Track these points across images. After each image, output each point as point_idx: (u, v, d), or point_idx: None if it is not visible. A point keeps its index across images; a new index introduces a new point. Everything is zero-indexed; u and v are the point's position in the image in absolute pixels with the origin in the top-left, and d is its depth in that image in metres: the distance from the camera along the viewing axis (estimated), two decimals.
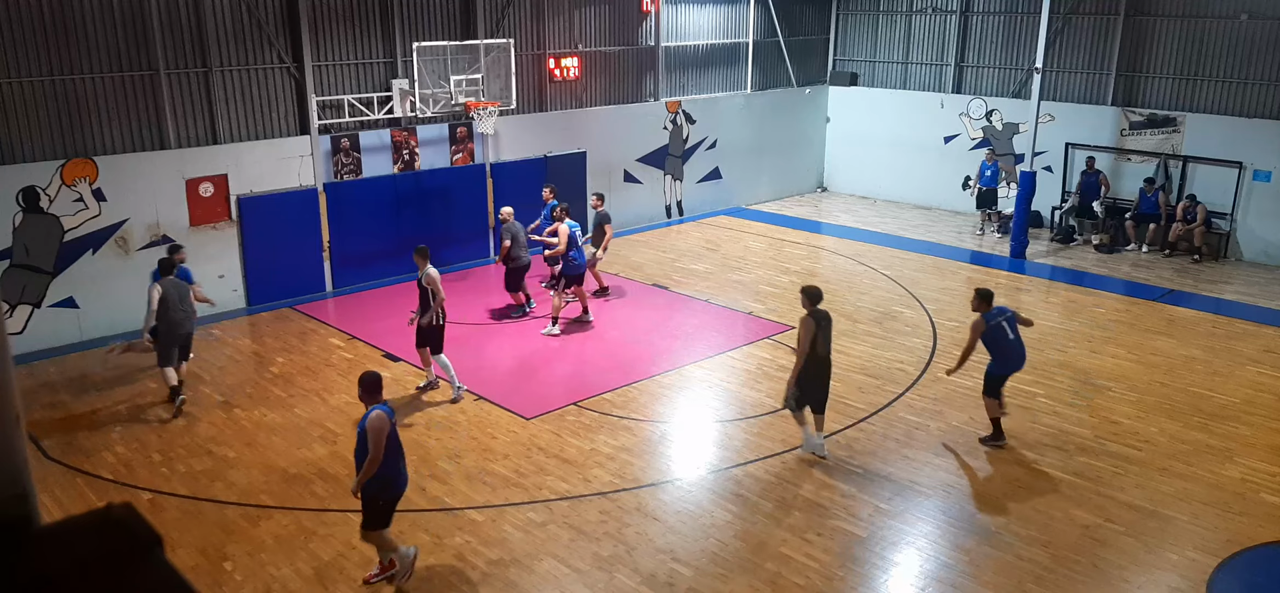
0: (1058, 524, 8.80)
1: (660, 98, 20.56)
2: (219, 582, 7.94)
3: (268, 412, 11.31)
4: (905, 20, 22.86)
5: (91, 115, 13.53)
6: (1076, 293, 16.05)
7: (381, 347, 13.36)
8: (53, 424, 10.99)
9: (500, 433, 10.68)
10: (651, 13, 19.95)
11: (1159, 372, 12.52)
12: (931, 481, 9.63)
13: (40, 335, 13.27)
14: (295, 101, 15.43)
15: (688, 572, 8.07)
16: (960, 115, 21.87)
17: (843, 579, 8.00)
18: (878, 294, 15.70)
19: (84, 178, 13.50)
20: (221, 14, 14.45)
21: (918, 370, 12.52)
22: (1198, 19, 18.37)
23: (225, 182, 14.76)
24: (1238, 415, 11.20)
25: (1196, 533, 8.70)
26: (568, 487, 9.47)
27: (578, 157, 19.03)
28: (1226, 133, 18.05)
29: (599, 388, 11.93)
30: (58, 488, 9.51)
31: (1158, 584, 7.98)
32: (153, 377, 12.38)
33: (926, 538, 8.63)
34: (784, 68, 22.59)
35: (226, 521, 8.92)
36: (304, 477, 9.73)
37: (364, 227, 16.29)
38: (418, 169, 16.82)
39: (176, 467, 9.97)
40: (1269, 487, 9.56)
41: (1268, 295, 15.93)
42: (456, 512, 9.02)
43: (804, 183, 24.28)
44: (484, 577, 7.98)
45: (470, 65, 15.96)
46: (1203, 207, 17.98)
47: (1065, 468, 9.87)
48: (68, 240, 13.49)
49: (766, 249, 18.74)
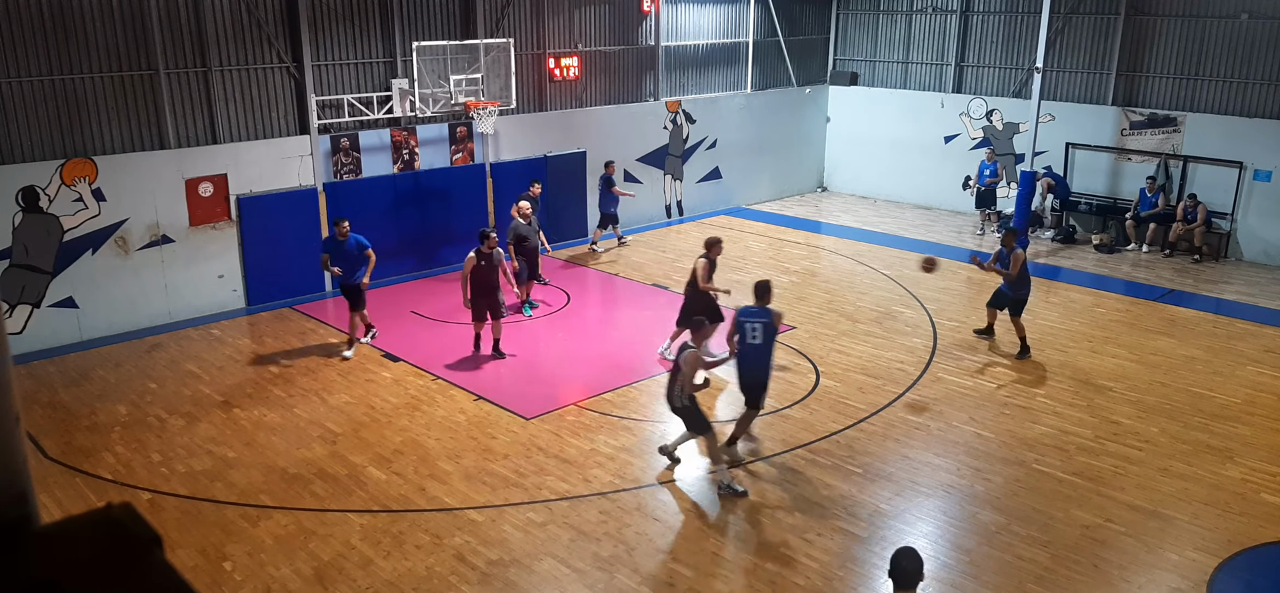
0: (1058, 525, 8.79)
1: (660, 97, 20.56)
2: (218, 582, 7.93)
3: (267, 412, 11.31)
4: (906, 20, 22.85)
5: (91, 115, 13.52)
6: (1076, 293, 16.05)
7: (381, 347, 13.36)
8: (52, 424, 10.99)
9: (500, 433, 10.67)
10: (651, 12, 19.94)
11: (1159, 372, 12.51)
12: (931, 481, 9.63)
13: (40, 335, 13.27)
14: (295, 101, 15.42)
15: (688, 572, 8.06)
16: (961, 115, 21.87)
17: (843, 580, 8.00)
18: (878, 294, 15.69)
19: (83, 177, 13.49)
20: (221, 13, 14.45)
21: (918, 371, 12.51)
22: (1198, 19, 18.37)
23: (225, 181, 14.76)
24: (1238, 416, 11.20)
25: (1197, 533, 8.70)
26: (568, 487, 9.46)
27: (577, 156, 19.02)
28: (1227, 132, 18.05)
29: (599, 388, 11.92)
30: (57, 488, 9.50)
31: (1158, 585, 7.97)
32: (152, 377, 12.40)
33: (927, 538, 8.62)
34: (784, 67, 22.59)
35: (226, 521, 8.91)
36: (304, 477, 9.73)
37: (363, 227, 16.22)
38: (417, 169, 16.81)
39: (176, 467, 9.96)
40: (1269, 487, 9.55)
41: (1268, 295, 15.93)
42: (456, 512, 9.01)
43: (804, 183, 24.28)
44: (484, 577, 7.97)
45: (470, 65, 15.95)
46: (1204, 206, 17.98)
47: (1066, 468, 9.87)
48: (67, 240, 13.48)
49: (766, 249, 18.73)
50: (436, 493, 9.35)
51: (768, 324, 9.74)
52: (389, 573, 8.02)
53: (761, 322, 9.73)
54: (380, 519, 8.90)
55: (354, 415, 11.17)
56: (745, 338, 9.76)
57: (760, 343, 9.73)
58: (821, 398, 11.63)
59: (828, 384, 12.01)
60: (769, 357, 9.82)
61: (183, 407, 11.44)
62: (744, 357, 9.83)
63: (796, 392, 11.80)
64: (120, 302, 13.98)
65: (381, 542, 8.50)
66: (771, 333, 9.77)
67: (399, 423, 10.95)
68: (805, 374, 12.36)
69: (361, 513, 9.01)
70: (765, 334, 9.73)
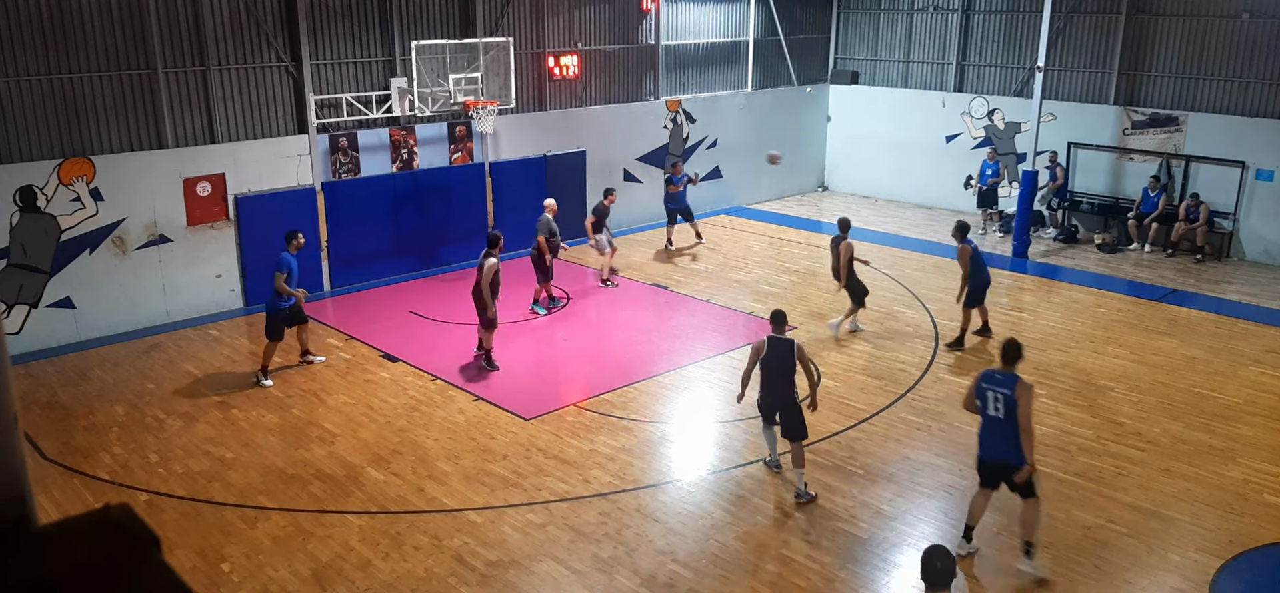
0: (1059, 525, 8.77)
1: (660, 97, 20.54)
2: (217, 583, 7.90)
3: (265, 413, 11.27)
4: (907, 18, 22.85)
5: (89, 114, 13.48)
6: (1078, 292, 16.03)
7: (380, 347, 13.33)
8: (50, 425, 10.96)
9: (499, 434, 10.64)
10: (651, 11, 19.92)
11: (1161, 372, 12.50)
12: (932, 482, 9.60)
13: (37, 335, 13.23)
14: (293, 100, 15.39)
15: (688, 574, 8.04)
16: (962, 114, 21.87)
17: (844, 581, 7.97)
18: (878, 294, 15.67)
19: (81, 177, 13.46)
20: (219, 13, 14.42)
21: (919, 371, 12.49)
22: (1200, 18, 18.37)
23: (223, 181, 14.72)
24: (1240, 416, 11.18)
25: (1199, 534, 8.68)
26: (567, 488, 9.43)
27: (577, 155, 19.00)
28: (1228, 132, 18.04)
29: (599, 388, 11.90)
30: (55, 489, 9.47)
31: (1160, 585, 7.95)
32: (150, 377, 12.37)
33: (927, 539, 8.58)
34: (785, 66, 22.57)
35: (224, 522, 8.88)
36: (302, 478, 9.70)
37: (362, 226, 16.26)
38: (416, 168, 16.79)
39: (174, 468, 9.93)
40: (1271, 488, 9.53)
41: (1270, 295, 15.92)
42: (455, 513, 8.98)
43: (805, 182, 24.27)
44: (483, 578, 7.94)
45: (469, 64, 15.92)
46: (1206, 206, 17.97)
47: (1067, 469, 9.84)
48: (65, 240, 13.45)
49: (767, 249, 18.72)
50: (435, 494, 9.32)
51: (1010, 396, 7.75)
52: (387, 574, 7.99)
53: (1004, 392, 7.81)
54: (379, 520, 8.87)
55: (352, 416, 11.14)
56: (986, 408, 7.96)
57: (1002, 417, 7.81)
58: (822, 398, 11.57)
59: (829, 385, 11.99)
60: (1012, 438, 7.76)
61: (180, 407, 11.41)
62: (982, 431, 8.05)
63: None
64: (118, 302, 13.95)
65: (380, 543, 8.47)
66: (1013, 406, 7.71)
67: (397, 424, 10.92)
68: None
69: (360, 514, 8.99)
70: (1007, 407, 7.76)
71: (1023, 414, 7.64)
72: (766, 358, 9.23)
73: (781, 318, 9.48)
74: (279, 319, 12.06)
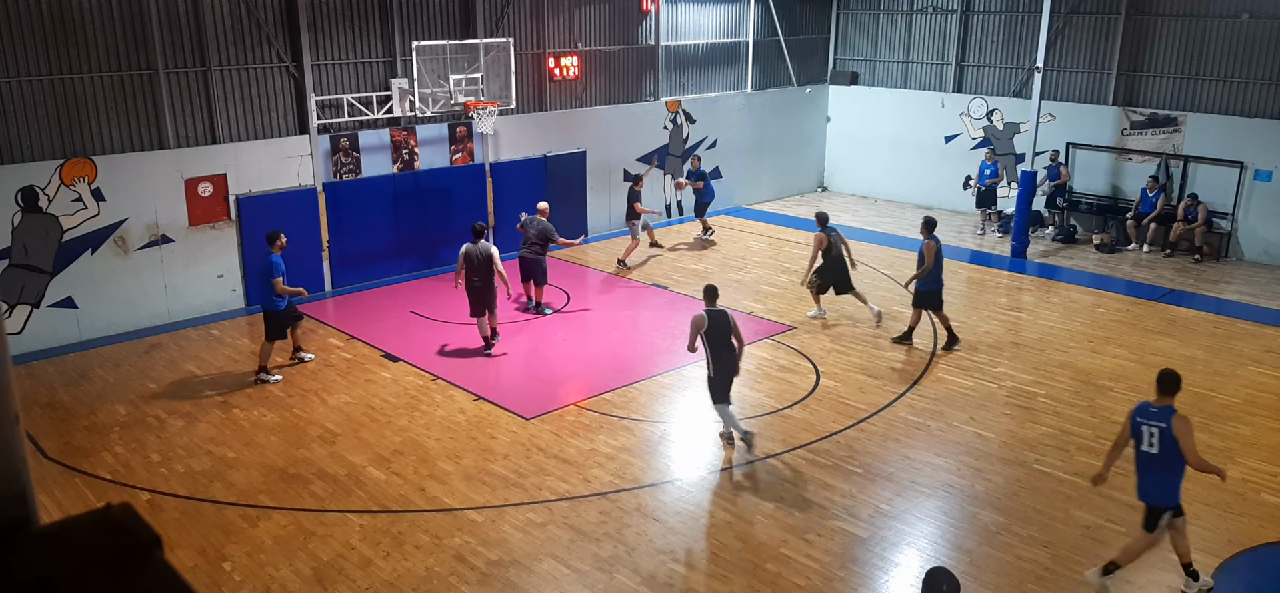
0: (1058, 524, 8.79)
1: (660, 97, 20.55)
2: (218, 582, 7.92)
3: (266, 412, 11.30)
4: (906, 19, 22.85)
5: (90, 115, 13.51)
6: (1077, 293, 16.04)
7: (381, 347, 13.35)
8: (51, 424, 10.98)
9: (500, 433, 10.66)
10: (651, 12, 19.93)
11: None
12: (932, 481, 9.62)
13: (39, 335, 13.26)
14: (294, 101, 15.41)
15: (688, 573, 8.06)
16: (961, 115, 21.87)
17: (843, 580, 7.99)
18: (878, 294, 15.67)
19: (83, 177, 13.48)
20: (220, 13, 14.43)
21: (918, 371, 12.50)
22: (1199, 18, 18.37)
23: (224, 181, 14.74)
24: (1238, 416, 11.19)
25: (1197, 533, 8.66)
26: (568, 487, 9.45)
27: (577, 156, 19.01)
28: (1227, 132, 18.04)
29: (599, 388, 11.91)
30: (56, 488, 9.49)
31: (1159, 585, 7.96)
32: (151, 377, 12.39)
33: (927, 539, 8.62)
34: (784, 67, 22.58)
35: (225, 521, 8.90)
36: (303, 477, 9.72)
37: (363, 226, 16.27)
38: (417, 169, 16.80)
39: (175, 467, 9.95)
40: (1270, 487, 9.55)
41: (1269, 295, 15.92)
42: (456, 512, 9.00)
43: (804, 182, 24.27)
44: (483, 577, 7.96)
45: (470, 64, 15.94)
46: (1204, 206, 17.97)
47: (1066, 468, 9.86)
48: (66, 240, 13.47)
49: (766, 249, 18.73)
50: (436, 493, 9.34)
51: (1166, 430, 7.20)
52: (388, 573, 8.01)
53: (1159, 426, 7.27)
54: (380, 520, 8.89)
55: (353, 416, 11.16)
56: (1140, 444, 7.42)
57: (1156, 453, 7.29)
58: (822, 398, 11.63)
59: (828, 384, 12.01)
60: (1167, 477, 7.38)
61: (182, 407, 11.43)
62: (1137, 468, 7.59)
63: (797, 392, 11.79)
64: (119, 302, 13.97)
65: (381, 542, 8.49)
66: (1172, 443, 7.16)
67: (398, 423, 10.94)
68: (806, 374, 12.36)
69: (361, 513, 9.01)
70: (1163, 443, 7.22)
71: (1187, 453, 7.13)
72: (710, 330, 9.84)
73: (713, 292, 10.24)
74: (280, 319, 12.12)
